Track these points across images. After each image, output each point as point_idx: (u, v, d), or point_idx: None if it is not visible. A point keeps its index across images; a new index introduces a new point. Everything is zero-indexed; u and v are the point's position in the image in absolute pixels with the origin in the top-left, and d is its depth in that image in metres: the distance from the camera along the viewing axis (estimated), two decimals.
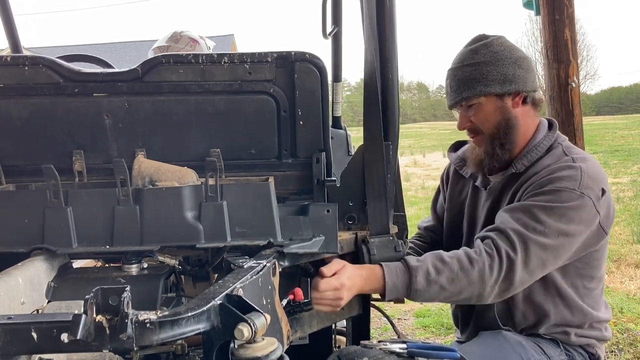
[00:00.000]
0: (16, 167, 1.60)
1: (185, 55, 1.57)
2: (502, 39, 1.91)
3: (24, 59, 1.55)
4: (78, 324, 0.89)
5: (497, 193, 1.93)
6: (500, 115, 1.86)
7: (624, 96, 62.04)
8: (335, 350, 1.79)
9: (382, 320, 4.30)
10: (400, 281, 1.62)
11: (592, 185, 1.74)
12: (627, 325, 4.13)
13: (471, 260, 1.64)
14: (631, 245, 6.71)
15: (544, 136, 1.88)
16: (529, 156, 1.86)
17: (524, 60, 1.88)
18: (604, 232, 1.80)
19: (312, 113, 1.60)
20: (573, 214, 1.70)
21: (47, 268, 1.38)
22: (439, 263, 1.64)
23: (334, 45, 3.05)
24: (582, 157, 1.83)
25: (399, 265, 1.64)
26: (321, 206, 1.57)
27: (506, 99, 1.86)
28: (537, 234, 1.68)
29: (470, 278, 1.63)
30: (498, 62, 1.84)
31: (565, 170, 1.76)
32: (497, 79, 1.84)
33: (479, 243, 1.71)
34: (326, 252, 1.54)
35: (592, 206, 1.72)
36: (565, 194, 1.71)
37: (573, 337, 1.87)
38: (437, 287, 1.63)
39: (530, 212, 1.70)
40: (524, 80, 1.86)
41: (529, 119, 1.90)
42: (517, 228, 1.68)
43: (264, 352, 0.98)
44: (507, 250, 1.66)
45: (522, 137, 1.89)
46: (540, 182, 1.77)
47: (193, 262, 1.59)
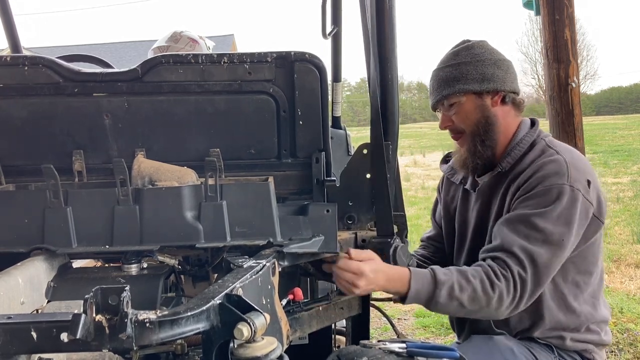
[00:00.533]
0: (16, 167, 1.60)
1: (185, 55, 1.57)
2: (484, 42, 1.97)
3: (24, 59, 1.55)
4: (78, 324, 0.89)
5: (486, 194, 1.95)
6: (479, 113, 1.91)
7: (624, 96, 62.00)
8: (334, 350, 1.79)
9: (382, 320, 4.31)
10: (425, 290, 1.65)
11: (579, 176, 1.76)
12: (627, 325, 4.13)
13: (492, 284, 1.67)
14: (631, 245, 6.71)
15: (526, 133, 1.92)
16: (512, 153, 1.89)
17: (504, 62, 1.93)
18: (600, 221, 1.82)
19: (311, 113, 1.60)
20: (568, 211, 1.72)
21: (46, 268, 1.38)
22: (464, 281, 1.67)
23: (333, 45, 3.05)
24: (565, 149, 1.86)
25: (427, 275, 1.67)
26: (321, 206, 1.58)
27: (485, 97, 1.90)
28: (541, 244, 1.70)
29: (490, 301, 1.67)
30: (477, 63, 1.90)
31: (550, 164, 1.78)
32: (476, 77, 1.89)
33: (491, 263, 1.71)
34: (326, 252, 1.54)
35: (584, 198, 1.75)
36: (556, 191, 1.73)
37: (568, 342, 1.86)
38: (457, 303, 1.67)
39: (528, 222, 1.72)
40: (502, 80, 1.90)
41: (509, 118, 1.94)
42: (522, 244, 1.70)
43: (263, 352, 0.98)
44: (519, 270, 1.69)
45: (504, 135, 1.92)
46: (529, 183, 1.78)
47: (193, 261, 1.59)
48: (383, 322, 4.30)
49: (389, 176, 1.63)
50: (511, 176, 1.87)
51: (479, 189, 1.98)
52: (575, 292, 1.85)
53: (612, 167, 14.39)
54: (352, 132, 3.19)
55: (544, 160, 1.81)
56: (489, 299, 1.66)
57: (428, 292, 1.65)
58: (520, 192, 1.80)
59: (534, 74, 47.44)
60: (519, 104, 1.96)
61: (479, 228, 1.98)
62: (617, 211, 8.83)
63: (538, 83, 46.82)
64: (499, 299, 1.67)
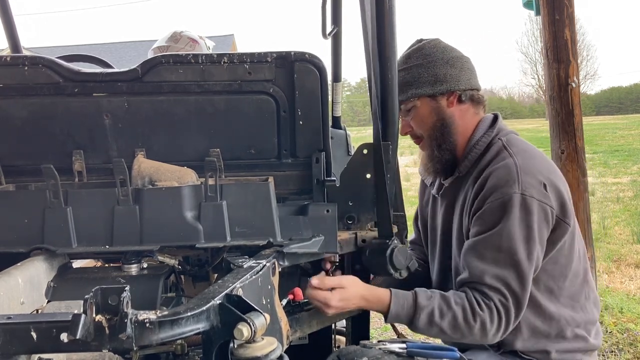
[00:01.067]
0: (16, 167, 1.60)
1: (185, 55, 1.57)
2: (436, 41, 1.92)
3: (24, 59, 1.55)
4: (77, 324, 0.89)
5: (449, 199, 1.93)
6: (435, 116, 1.86)
7: (624, 96, 61.99)
8: (334, 350, 1.79)
9: (382, 320, 4.31)
10: (404, 314, 1.67)
11: (531, 180, 1.70)
12: (627, 325, 4.13)
13: (474, 313, 1.67)
14: (631, 245, 6.71)
15: (484, 133, 1.86)
16: (469, 156, 1.86)
17: (457, 60, 1.87)
18: (565, 223, 1.76)
19: (311, 113, 1.60)
20: (525, 221, 1.68)
21: (46, 268, 1.38)
22: (445, 307, 1.67)
23: (333, 45, 3.05)
24: (521, 150, 1.79)
25: (407, 298, 1.68)
26: (321, 206, 1.58)
27: (440, 99, 1.86)
28: (510, 266, 1.68)
29: (472, 329, 1.67)
30: (429, 64, 1.86)
31: (500, 171, 1.73)
32: (428, 80, 1.84)
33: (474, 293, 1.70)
34: (326, 252, 1.54)
35: (539, 202, 1.69)
36: (509, 202, 1.68)
37: (554, 355, 1.81)
38: (437, 329, 1.67)
39: (491, 246, 1.69)
40: (456, 80, 1.85)
41: (467, 118, 1.89)
42: (494, 272, 1.68)
43: (263, 352, 0.98)
44: (500, 298, 1.68)
45: (462, 136, 1.88)
46: (482, 195, 1.74)
47: (193, 262, 1.59)
48: (383, 322, 4.30)
49: (389, 176, 1.63)
50: (469, 181, 1.84)
51: (442, 193, 1.97)
52: (550, 298, 1.80)
53: (612, 167, 14.38)
54: (352, 132, 3.18)
55: (495, 167, 1.75)
56: (470, 327, 1.66)
57: (408, 316, 1.67)
58: (475, 206, 1.76)
59: (534, 74, 47.50)
60: (477, 101, 1.90)
61: (445, 235, 1.96)
62: (617, 211, 8.83)
63: (538, 83, 46.83)
64: (481, 328, 1.66)
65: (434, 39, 1.93)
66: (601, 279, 5.34)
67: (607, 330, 4.00)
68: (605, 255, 6.19)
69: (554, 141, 4.14)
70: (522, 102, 68.18)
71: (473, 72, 1.90)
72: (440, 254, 2.00)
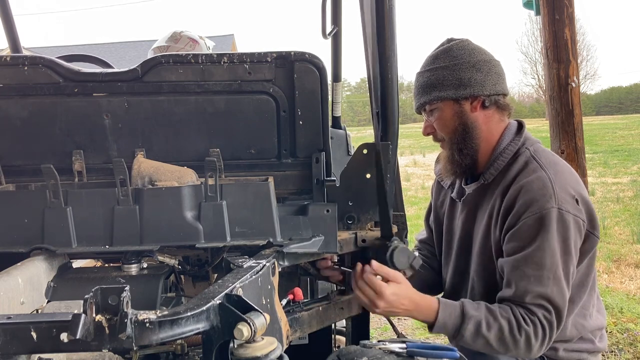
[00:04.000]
0: (16, 167, 1.60)
1: (184, 55, 1.57)
2: (465, 42, 1.88)
3: (24, 59, 1.55)
4: (77, 324, 0.89)
5: (471, 206, 1.92)
6: (458, 120, 1.84)
7: (624, 96, 61.95)
8: (334, 350, 1.79)
9: (382, 320, 4.31)
10: (452, 323, 1.67)
11: (565, 195, 1.70)
12: (627, 325, 4.13)
13: (520, 327, 1.67)
14: (631, 245, 6.71)
15: (510, 141, 1.84)
16: (495, 164, 1.83)
17: (485, 64, 1.83)
18: (594, 235, 1.78)
19: (311, 113, 1.60)
20: (563, 236, 1.69)
21: (46, 268, 1.38)
22: (492, 319, 1.68)
23: (333, 45, 3.05)
24: (551, 162, 1.78)
25: (455, 307, 1.68)
26: (321, 206, 1.57)
27: (463, 103, 1.83)
28: (553, 282, 1.68)
29: (517, 343, 1.67)
30: (455, 67, 1.83)
31: (534, 184, 1.71)
32: (453, 83, 1.82)
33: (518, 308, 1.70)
34: (326, 252, 1.54)
35: (574, 217, 1.70)
36: (547, 218, 1.68)
37: (561, 353, 1.84)
38: (484, 341, 1.67)
39: (533, 263, 1.69)
40: (480, 84, 1.82)
41: (492, 124, 1.86)
42: (537, 290, 1.68)
43: (263, 352, 0.98)
44: (544, 314, 1.69)
45: (485, 142, 1.86)
46: (517, 210, 1.72)
47: (193, 261, 1.59)
48: (383, 322, 4.30)
49: (389, 176, 1.63)
50: (497, 192, 1.81)
51: (464, 199, 1.94)
52: (570, 308, 1.80)
53: (612, 167, 14.38)
54: (352, 132, 3.19)
55: (528, 180, 1.73)
56: (515, 341, 1.66)
57: (455, 325, 1.67)
58: (510, 221, 1.74)
59: (534, 74, 47.48)
60: (503, 107, 1.87)
61: (464, 240, 1.95)
62: (617, 211, 8.83)
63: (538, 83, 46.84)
64: (526, 342, 1.67)
65: (463, 39, 1.89)
66: (601, 279, 5.35)
67: (607, 330, 4.00)
68: (605, 255, 6.19)
69: (554, 141, 4.14)
70: (522, 102, 68.16)
71: (501, 76, 1.86)
72: (456, 258, 2.00)
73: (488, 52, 1.89)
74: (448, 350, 1.52)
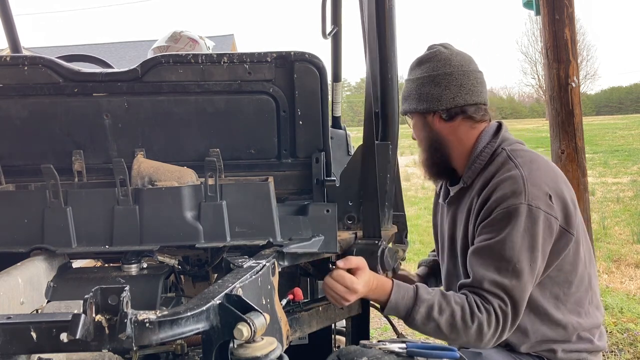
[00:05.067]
0: (16, 167, 1.60)
1: (184, 55, 1.57)
2: (436, 52, 1.87)
3: (24, 59, 1.55)
4: (77, 324, 0.89)
5: (454, 208, 1.96)
6: (425, 131, 1.91)
7: (624, 96, 61.98)
8: (334, 350, 1.79)
9: (382, 320, 4.31)
10: (404, 304, 1.66)
11: (537, 192, 1.70)
12: (627, 325, 4.13)
13: (472, 314, 1.66)
14: (631, 245, 6.71)
15: (487, 144, 1.86)
16: (473, 167, 1.86)
17: (444, 77, 1.83)
18: (569, 233, 1.76)
19: (311, 113, 1.60)
20: (530, 232, 1.69)
21: (46, 268, 1.38)
22: (444, 303, 1.67)
23: (333, 45, 3.05)
24: (526, 161, 1.79)
25: (409, 290, 1.68)
26: (320, 206, 1.57)
27: (427, 116, 1.87)
28: (511, 275, 1.68)
29: (469, 331, 1.66)
30: (417, 81, 1.86)
31: (508, 181, 1.73)
32: (415, 97, 1.87)
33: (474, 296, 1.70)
34: (326, 252, 1.54)
35: (545, 214, 1.70)
36: (515, 212, 1.68)
37: (560, 354, 1.82)
38: (434, 325, 1.66)
39: (495, 253, 1.69)
40: (436, 99, 1.83)
41: (460, 133, 1.87)
42: (494, 279, 1.68)
43: (263, 352, 0.98)
44: (499, 303, 1.68)
45: (458, 150, 1.89)
46: (489, 206, 1.74)
47: (192, 261, 1.59)
48: (383, 322, 4.30)
49: (389, 176, 1.63)
50: (474, 192, 1.84)
51: (448, 201, 1.99)
52: (556, 304, 1.81)
53: (612, 167, 14.37)
54: (352, 132, 3.18)
55: (501, 178, 1.75)
56: (467, 328, 1.65)
57: (406, 307, 1.66)
58: (482, 216, 1.77)
59: (534, 74, 47.49)
60: (471, 117, 1.86)
61: (450, 242, 1.99)
62: (617, 211, 8.83)
63: (538, 83, 46.82)
64: (478, 330, 1.65)
65: (437, 50, 1.89)
66: (601, 279, 5.34)
67: (607, 330, 4.00)
68: (605, 255, 6.19)
69: (554, 141, 4.14)
70: (522, 102, 68.18)
71: (463, 88, 1.84)
72: (448, 261, 2.02)
73: (458, 61, 1.87)
74: (448, 351, 1.52)
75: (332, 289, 1.57)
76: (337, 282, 1.56)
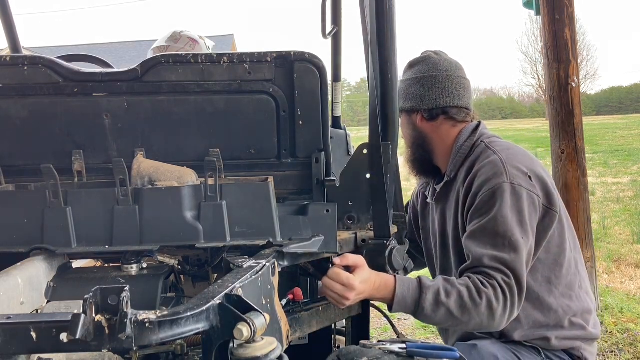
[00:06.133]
0: (16, 167, 1.60)
1: (184, 55, 1.57)
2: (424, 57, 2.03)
3: (24, 59, 1.55)
4: (77, 324, 0.89)
5: (442, 204, 2.02)
6: (409, 129, 2.04)
7: (624, 96, 61.95)
8: (334, 350, 1.79)
9: (382, 320, 4.30)
10: (410, 295, 1.65)
11: (518, 173, 1.79)
12: (627, 325, 4.13)
13: (479, 291, 1.67)
14: (631, 245, 6.71)
15: (466, 139, 1.96)
16: (454, 161, 1.96)
17: (429, 80, 1.97)
18: (552, 210, 1.83)
19: (311, 113, 1.60)
20: (516, 206, 1.75)
21: (46, 268, 1.38)
22: (449, 286, 1.67)
23: (333, 45, 3.05)
24: (503, 148, 1.89)
25: (412, 281, 1.67)
26: (321, 206, 1.57)
27: (412, 115, 2.01)
28: (508, 249, 1.72)
29: (479, 309, 1.66)
30: (406, 82, 2.01)
31: (488, 166, 1.82)
32: (403, 97, 2.00)
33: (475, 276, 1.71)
34: (326, 252, 1.54)
35: (528, 191, 1.78)
36: (499, 191, 1.76)
37: (554, 342, 1.85)
38: (445, 310, 1.65)
39: (488, 231, 1.74)
40: (420, 99, 1.97)
41: (441, 132, 2.00)
42: (493, 254, 1.71)
43: (263, 352, 0.98)
44: (502, 277, 1.70)
45: (440, 148, 2.00)
46: (474, 192, 1.82)
47: (192, 262, 1.59)
48: (383, 322, 4.30)
49: (389, 176, 1.63)
50: (458, 183, 1.92)
51: (435, 198, 2.05)
52: (549, 288, 1.86)
53: (612, 167, 14.37)
54: (352, 132, 3.18)
55: (482, 164, 1.84)
56: (476, 306, 1.65)
57: (414, 298, 1.65)
58: (469, 202, 1.83)
59: (534, 74, 47.48)
60: (452, 118, 1.98)
61: (442, 238, 2.02)
62: (617, 211, 8.82)
63: (538, 83, 46.82)
64: (488, 306, 1.66)
65: (427, 55, 2.03)
66: (601, 279, 5.34)
67: (607, 330, 4.00)
68: (605, 255, 6.19)
69: (554, 141, 4.14)
70: (522, 102, 68.15)
71: (445, 91, 1.97)
72: (441, 257, 2.04)
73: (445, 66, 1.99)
74: (448, 351, 1.52)
75: (330, 287, 1.57)
76: (334, 280, 1.56)
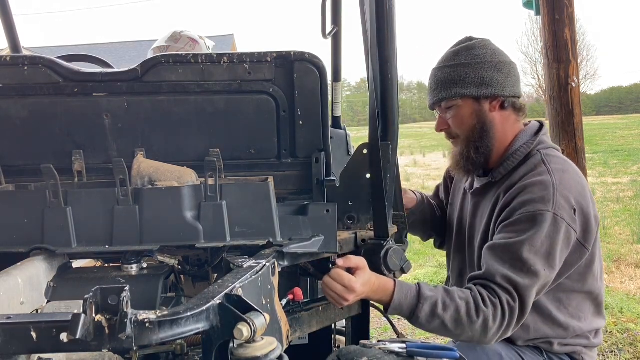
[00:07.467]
0: (16, 167, 1.60)
1: (184, 55, 1.57)
2: (486, 42, 1.90)
3: (24, 59, 1.55)
4: (77, 324, 0.89)
5: (478, 200, 1.95)
6: (476, 118, 1.86)
7: (624, 96, 61.97)
8: (334, 350, 1.79)
9: (382, 320, 4.31)
10: (407, 303, 1.65)
11: (565, 204, 1.71)
12: (627, 325, 4.13)
13: (478, 309, 1.65)
14: (631, 245, 6.71)
15: (524, 143, 1.86)
16: (505, 164, 1.86)
17: (505, 65, 1.85)
18: (585, 248, 1.77)
19: (311, 113, 1.60)
20: (550, 239, 1.69)
21: (46, 268, 1.38)
22: (449, 300, 1.66)
23: (333, 45, 3.05)
24: (559, 168, 1.78)
25: (411, 288, 1.66)
26: (321, 206, 1.57)
27: (483, 102, 1.84)
28: (525, 274, 1.67)
29: (473, 326, 1.65)
30: (477, 65, 1.83)
31: (538, 186, 1.73)
32: (475, 81, 1.83)
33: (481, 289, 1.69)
34: (326, 252, 1.54)
35: (567, 226, 1.71)
36: (539, 218, 1.68)
37: (556, 347, 1.85)
38: (439, 322, 1.65)
39: (512, 251, 1.69)
40: (502, 85, 1.83)
41: (507, 125, 1.88)
42: (507, 274, 1.67)
43: (263, 352, 0.98)
44: (508, 299, 1.67)
45: (499, 142, 1.88)
46: (514, 206, 1.74)
47: (192, 261, 1.59)
48: (383, 322, 4.30)
49: (389, 176, 1.63)
50: (501, 189, 1.84)
51: (473, 192, 1.98)
52: (558, 307, 1.83)
53: (612, 167, 14.37)
54: (352, 132, 3.19)
55: (532, 181, 1.75)
56: (472, 323, 1.64)
57: (410, 305, 1.64)
58: (505, 215, 1.76)
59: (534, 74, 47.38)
60: (520, 109, 1.89)
61: (470, 231, 1.98)
62: (617, 211, 8.83)
63: (538, 83, 46.75)
64: (483, 325, 1.64)
65: (484, 39, 1.91)
66: None
67: (607, 330, 4.00)
68: (605, 255, 6.18)
69: (554, 141, 4.13)
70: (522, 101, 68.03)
71: (518, 79, 1.89)
72: (463, 249, 2.03)
73: (506, 54, 1.91)
74: (448, 350, 1.52)
75: (331, 288, 1.56)
76: (335, 281, 1.55)
